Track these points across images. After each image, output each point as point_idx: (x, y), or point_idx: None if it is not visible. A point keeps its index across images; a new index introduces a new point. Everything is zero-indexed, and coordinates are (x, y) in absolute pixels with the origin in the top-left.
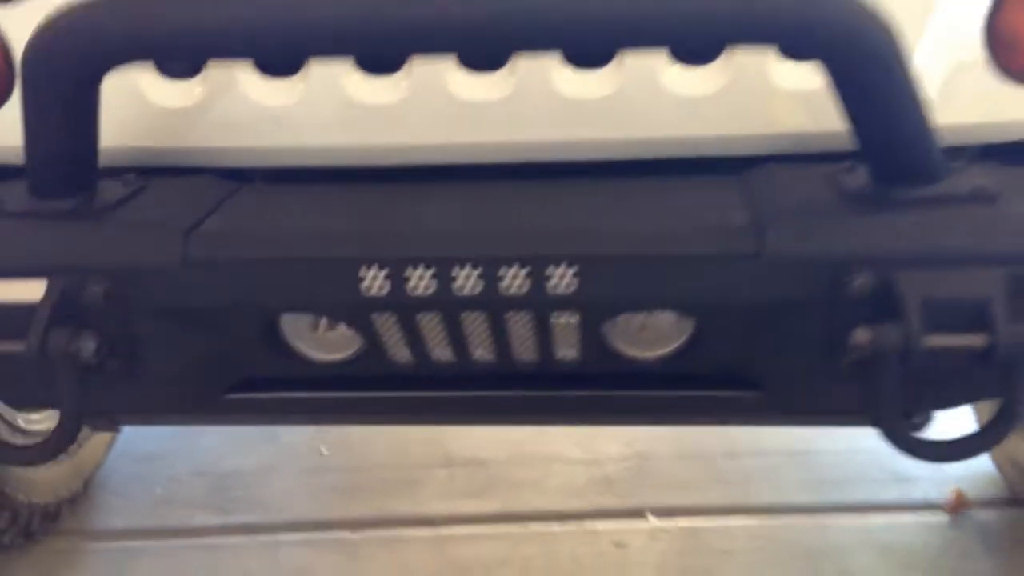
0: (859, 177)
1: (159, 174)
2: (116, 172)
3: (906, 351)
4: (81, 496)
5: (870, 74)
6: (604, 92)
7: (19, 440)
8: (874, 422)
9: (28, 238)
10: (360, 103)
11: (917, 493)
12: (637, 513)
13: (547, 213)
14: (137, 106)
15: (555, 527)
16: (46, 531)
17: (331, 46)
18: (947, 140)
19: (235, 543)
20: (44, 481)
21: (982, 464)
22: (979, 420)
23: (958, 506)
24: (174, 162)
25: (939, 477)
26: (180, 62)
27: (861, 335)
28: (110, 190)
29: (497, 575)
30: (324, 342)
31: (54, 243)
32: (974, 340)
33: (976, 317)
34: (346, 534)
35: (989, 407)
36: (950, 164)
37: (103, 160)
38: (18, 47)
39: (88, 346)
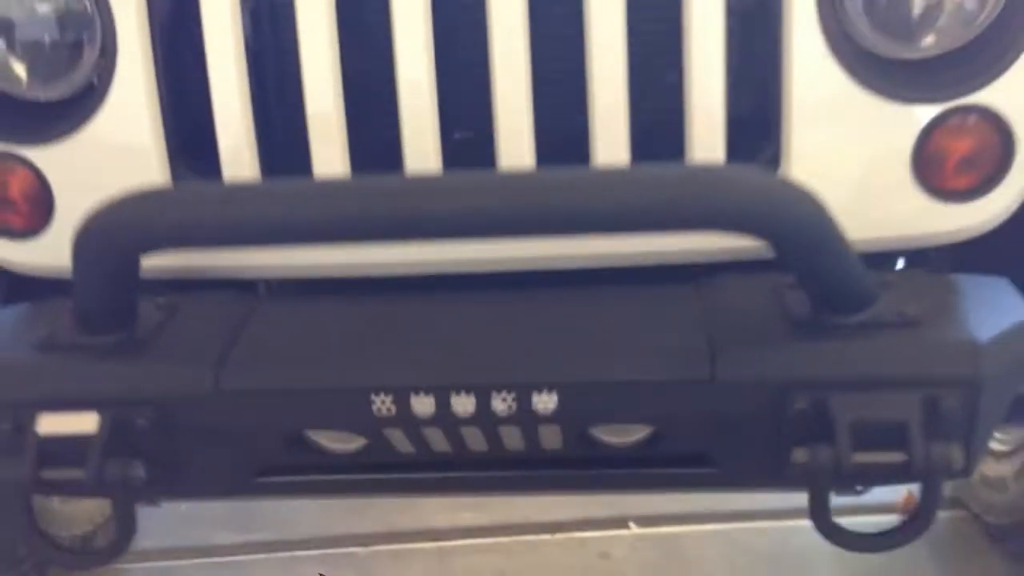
0: (801, 303)
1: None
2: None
3: (837, 467)
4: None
5: (807, 246)
6: None
7: None
8: (811, 518)
9: (79, 373)
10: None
11: (869, 496)
12: (620, 523)
13: (529, 338)
14: None
15: (546, 537)
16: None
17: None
18: (880, 248)
19: (255, 560)
20: (80, 512)
21: None
22: None
23: (909, 508)
24: (198, 276)
25: None
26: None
27: (799, 455)
28: (147, 316)
29: None
30: (340, 439)
31: (102, 378)
32: (894, 457)
33: (897, 436)
34: (356, 549)
35: None
36: (879, 291)
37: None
38: (53, 180)
39: (139, 473)
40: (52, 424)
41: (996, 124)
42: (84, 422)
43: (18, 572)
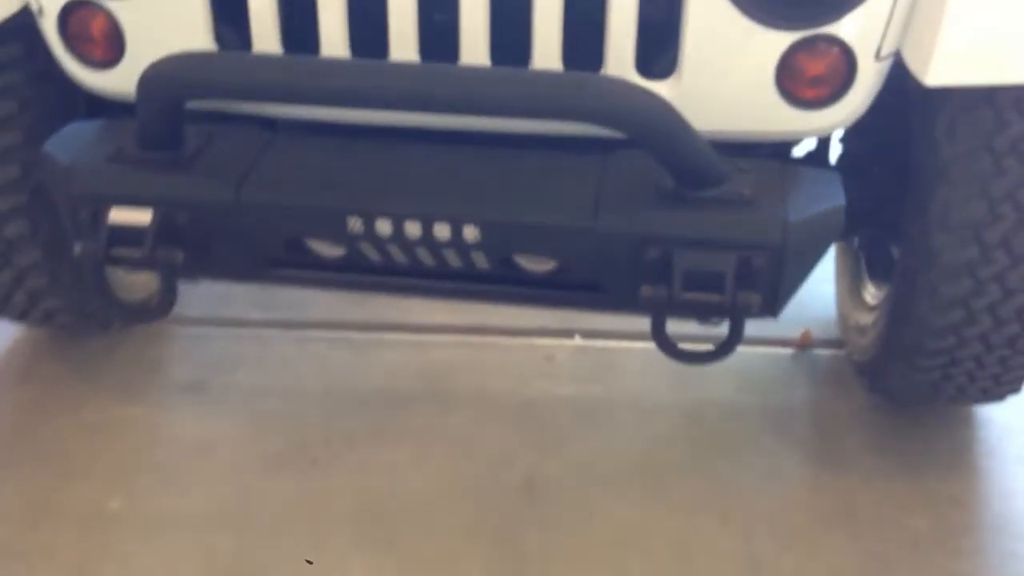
0: (669, 179)
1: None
2: (192, 116)
3: (671, 301)
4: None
5: (654, 136)
6: None
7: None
8: (652, 337)
9: (139, 179)
10: None
11: (775, 331)
12: (568, 334)
13: (468, 183)
14: None
15: (506, 339)
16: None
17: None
18: (748, 140)
19: (274, 334)
20: (141, 281)
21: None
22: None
23: (804, 344)
24: (232, 112)
25: (797, 318)
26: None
27: (646, 290)
28: (191, 141)
29: (458, 375)
30: (327, 247)
31: (155, 185)
32: (712, 297)
33: (716, 283)
34: (354, 334)
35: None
36: (729, 172)
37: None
38: (125, 25)
39: (179, 256)
40: (119, 215)
41: (843, 51)
42: (141, 216)
43: (88, 325)
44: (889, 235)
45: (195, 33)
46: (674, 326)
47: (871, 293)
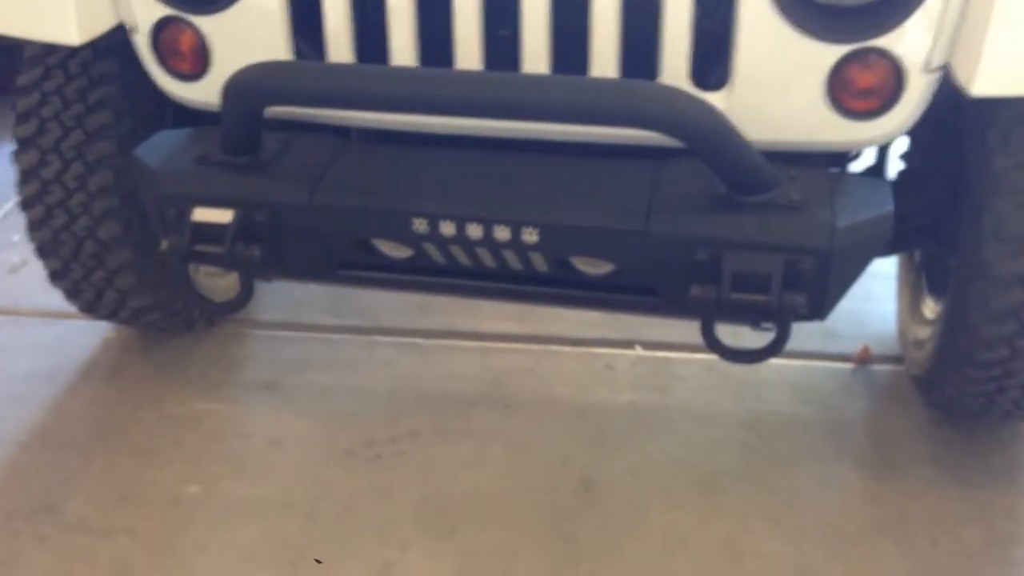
0: (720, 185)
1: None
2: (272, 124)
3: (718, 302)
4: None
5: (707, 143)
6: None
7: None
8: (702, 336)
9: (222, 181)
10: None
11: (835, 347)
12: (628, 344)
13: (528, 188)
14: None
15: (568, 349)
16: (221, 320)
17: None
18: (799, 150)
19: (344, 339)
20: (221, 286)
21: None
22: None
23: (863, 359)
24: (308, 120)
25: (857, 334)
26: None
27: (695, 291)
28: (269, 146)
29: (520, 380)
30: (395, 248)
31: (236, 187)
32: (759, 299)
33: (764, 285)
34: (420, 340)
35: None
36: (779, 179)
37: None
38: (211, 40)
39: (256, 253)
40: (202, 214)
41: (892, 63)
42: (223, 215)
43: (172, 324)
44: (948, 249)
45: (275, 47)
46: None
47: (930, 307)
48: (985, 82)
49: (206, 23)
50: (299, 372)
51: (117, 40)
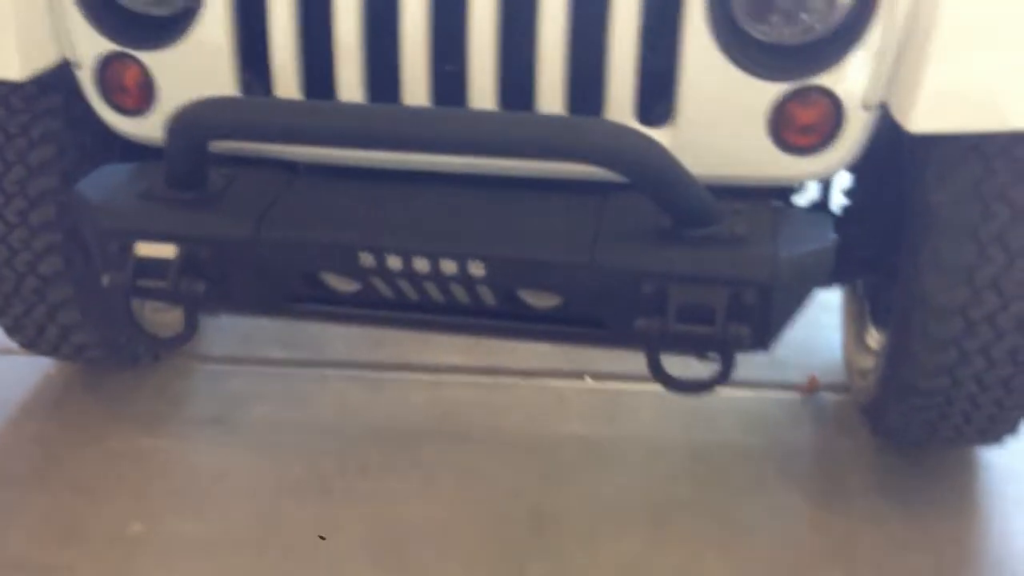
0: (666, 218)
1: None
2: (217, 158)
3: (663, 334)
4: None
5: (650, 178)
6: None
7: None
8: (648, 368)
9: (165, 216)
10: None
11: (783, 376)
12: (578, 375)
13: (474, 221)
14: None
15: (518, 380)
16: (167, 354)
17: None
18: (742, 184)
19: (294, 372)
20: (167, 320)
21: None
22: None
23: (811, 388)
24: (253, 155)
25: (805, 364)
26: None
27: (640, 323)
28: (214, 181)
29: (470, 413)
30: (343, 282)
31: (181, 222)
32: (704, 330)
33: (708, 317)
34: (371, 373)
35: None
36: (723, 212)
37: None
38: (156, 75)
39: (201, 288)
40: (145, 249)
41: (832, 101)
42: (166, 250)
43: (116, 360)
44: (890, 281)
45: (222, 81)
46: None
47: (874, 338)
48: (923, 118)
49: (151, 58)
50: (247, 406)
51: (61, 74)
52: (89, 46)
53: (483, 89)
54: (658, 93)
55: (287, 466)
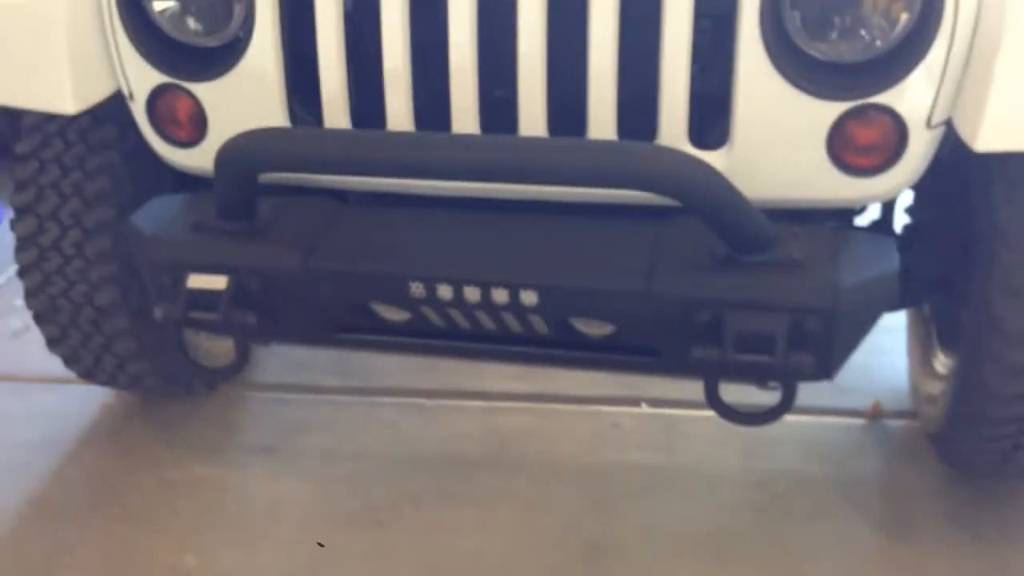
0: (722, 244)
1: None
2: (267, 188)
3: (722, 363)
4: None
5: (705, 203)
6: None
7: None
8: (706, 398)
9: (216, 248)
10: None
11: (846, 402)
12: (634, 401)
13: (526, 249)
14: None
15: (572, 407)
16: (220, 383)
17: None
18: (801, 207)
19: (346, 401)
20: (221, 348)
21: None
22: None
23: (875, 414)
24: (304, 184)
25: (869, 389)
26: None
27: (697, 352)
28: (264, 212)
29: (524, 441)
30: (393, 311)
31: (231, 253)
32: (763, 360)
33: (768, 346)
34: (424, 400)
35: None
36: (780, 237)
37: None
38: (208, 107)
39: (251, 320)
40: (197, 281)
41: (894, 119)
42: (218, 282)
43: (172, 389)
44: (958, 303)
45: (271, 112)
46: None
47: (941, 362)
48: (989, 137)
49: (203, 90)
50: (300, 435)
51: (116, 107)
52: (141, 78)
53: (533, 115)
54: (712, 115)
55: (340, 496)
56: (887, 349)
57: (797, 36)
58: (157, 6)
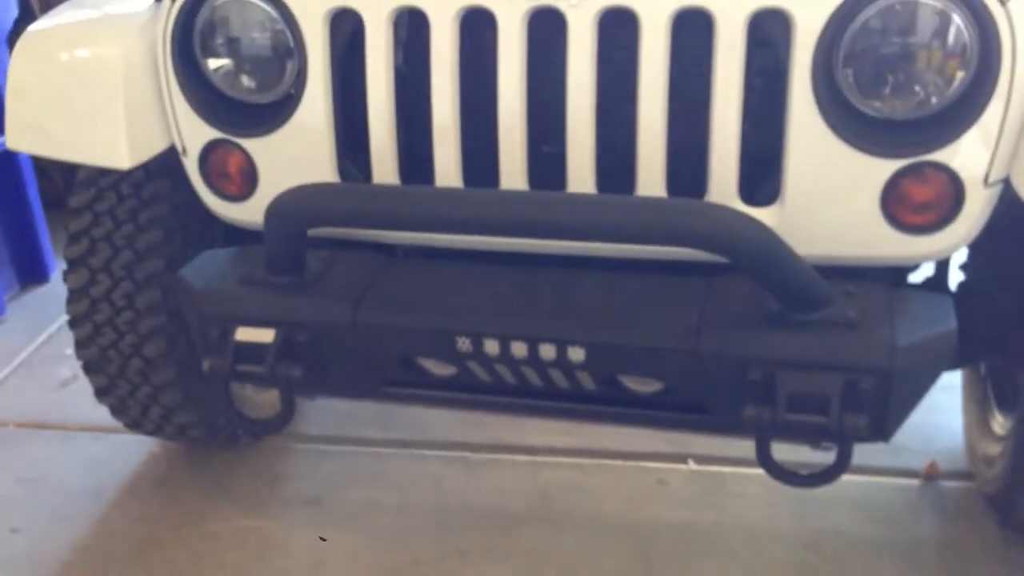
0: (774, 301)
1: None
2: (316, 242)
3: (774, 423)
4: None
5: (756, 261)
6: None
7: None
8: (757, 457)
9: (264, 301)
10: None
11: (901, 462)
12: (681, 458)
13: (574, 306)
14: None
15: (618, 463)
16: (266, 436)
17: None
18: (856, 265)
19: (391, 452)
20: (266, 399)
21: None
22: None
23: (931, 475)
24: (352, 238)
25: (924, 448)
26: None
27: (749, 411)
28: (313, 265)
29: (569, 496)
30: (439, 365)
31: (279, 307)
32: (817, 420)
33: (822, 406)
34: (468, 454)
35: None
36: (834, 295)
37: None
38: (259, 162)
39: (298, 373)
40: (245, 334)
41: (950, 177)
42: (265, 335)
43: (217, 439)
44: (1016, 363)
45: (321, 168)
46: (794, 455)
47: (999, 423)
48: None
49: (254, 145)
50: (344, 487)
51: (169, 161)
52: (195, 134)
53: (581, 172)
54: (762, 172)
55: (385, 550)
56: (943, 408)
57: (850, 93)
58: (212, 64)
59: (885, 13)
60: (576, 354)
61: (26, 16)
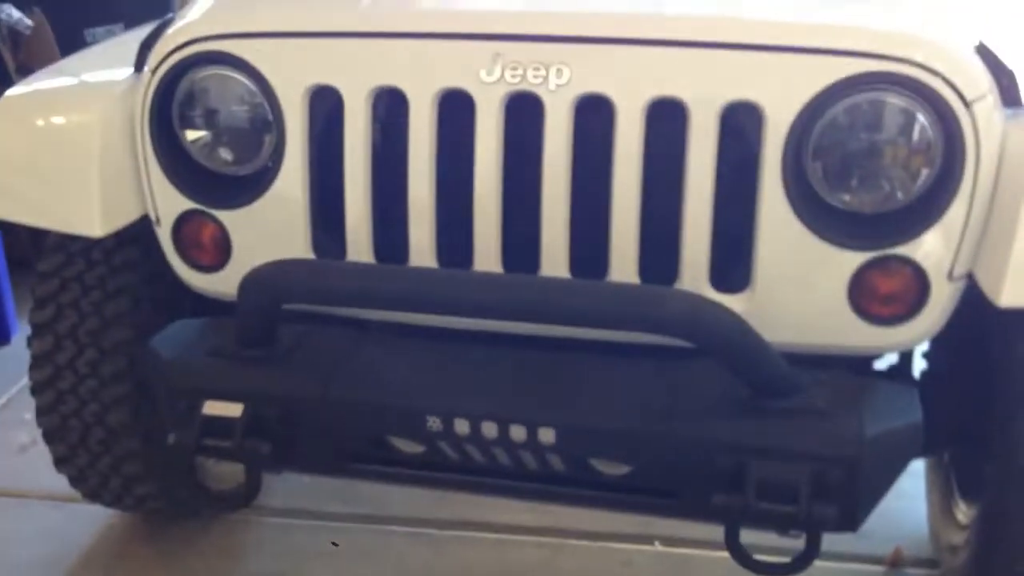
0: (743, 388)
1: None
2: (288, 315)
3: (743, 511)
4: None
5: (724, 348)
6: None
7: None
8: (726, 545)
9: (233, 375)
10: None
11: (865, 548)
12: (647, 539)
13: (543, 388)
14: None
15: (584, 543)
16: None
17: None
18: (823, 354)
19: (355, 527)
20: (229, 471)
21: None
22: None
23: (896, 562)
24: (325, 313)
25: (891, 535)
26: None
27: (718, 499)
28: (285, 339)
29: None
30: (408, 444)
31: (248, 380)
32: (786, 509)
33: (791, 495)
34: (433, 531)
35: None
36: (803, 383)
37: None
38: (232, 234)
39: (265, 449)
40: (212, 408)
41: (915, 271)
42: (233, 409)
43: (177, 511)
44: (979, 452)
45: (296, 242)
46: (758, 536)
47: (962, 511)
48: (1013, 293)
49: (229, 217)
50: (306, 562)
51: (140, 228)
52: (169, 204)
53: (555, 256)
54: (733, 259)
55: None
56: (908, 493)
57: (818, 186)
58: (190, 135)
59: (852, 110)
60: (547, 435)
61: (3, 80)
